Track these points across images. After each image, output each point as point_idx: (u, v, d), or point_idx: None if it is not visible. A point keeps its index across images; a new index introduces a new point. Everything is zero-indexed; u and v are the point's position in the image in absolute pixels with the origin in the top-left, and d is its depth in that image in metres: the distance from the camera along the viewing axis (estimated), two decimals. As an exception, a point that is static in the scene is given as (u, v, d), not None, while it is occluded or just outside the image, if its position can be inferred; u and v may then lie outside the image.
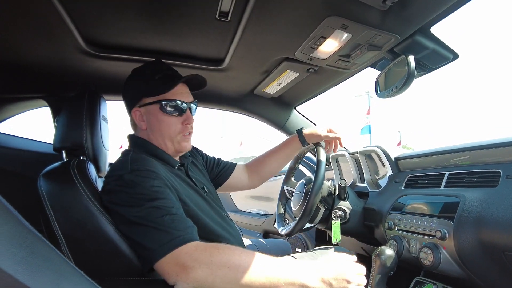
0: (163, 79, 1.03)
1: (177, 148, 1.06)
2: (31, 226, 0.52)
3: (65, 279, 0.57)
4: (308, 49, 1.12)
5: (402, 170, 1.37)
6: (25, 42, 1.12)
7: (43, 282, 0.48)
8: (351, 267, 0.86)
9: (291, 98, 1.74)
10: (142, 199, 0.84)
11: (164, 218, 0.81)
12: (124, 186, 0.86)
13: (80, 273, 0.59)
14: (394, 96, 1.12)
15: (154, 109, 1.03)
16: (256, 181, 1.49)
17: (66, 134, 1.12)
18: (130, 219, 0.83)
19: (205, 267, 0.75)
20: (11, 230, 0.50)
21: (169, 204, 0.85)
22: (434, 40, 1.01)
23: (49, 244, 0.54)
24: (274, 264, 0.81)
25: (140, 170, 0.89)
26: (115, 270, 0.87)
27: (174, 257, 0.77)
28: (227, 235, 1.04)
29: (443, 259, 0.93)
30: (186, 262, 0.76)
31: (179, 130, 1.05)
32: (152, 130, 1.05)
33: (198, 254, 0.77)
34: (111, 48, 1.22)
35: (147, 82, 1.04)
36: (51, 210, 0.90)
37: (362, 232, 1.40)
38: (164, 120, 1.03)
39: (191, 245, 0.79)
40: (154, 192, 0.85)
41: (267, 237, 2.61)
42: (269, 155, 1.47)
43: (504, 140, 0.98)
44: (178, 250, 0.77)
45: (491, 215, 0.85)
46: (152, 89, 1.02)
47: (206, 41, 1.18)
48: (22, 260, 0.50)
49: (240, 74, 1.43)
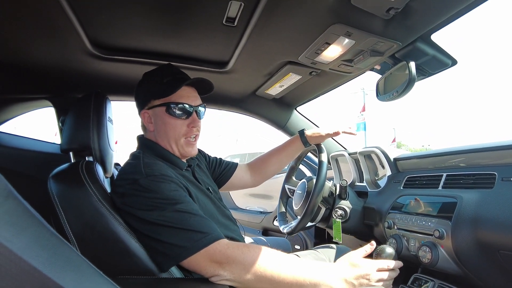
0: (171, 82, 1.05)
1: (182, 152, 1.08)
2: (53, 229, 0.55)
3: (87, 279, 0.59)
4: (312, 54, 1.15)
5: (401, 171, 1.41)
6: (32, 43, 1.14)
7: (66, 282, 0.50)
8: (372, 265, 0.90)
9: (292, 99, 1.77)
10: (163, 203, 0.86)
11: (189, 220, 0.85)
12: (141, 191, 0.88)
13: (99, 273, 0.61)
14: (395, 100, 1.15)
15: (160, 111, 1.05)
16: (258, 180, 1.52)
17: (74, 135, 1.14)
18: (152, 221, 0.85)
19: (239, 264, 0.81)
20: (35, 232, 0.52)
21: (190, 206, 0.89)
22: (434, 47, 1.05)
23: (69, 245, 0.57)
24: (300, 264, 0.85)
25: (155, 175, 0.91)
26: (125, 270, 0.90)
27: (208, 254, 0.82)
28: (230, 234, 1.07)
29: (441, 257, 0.97)
30: (220, 259, 0.81)
31: (184, 133, 1.06)
32: (158, 132, 1.07)
33: (231, 251, 0.82)
34: (117, 51, 1.24)
35: (156, 85, 1.06)
36: (62, 211, 0.92)
37: (362, 230, 1.44)
38: (170, 122, 1.05)
39: (223, 243, 0.84)
40: (173, 196, 0.88)
41: (266, 234, 2.65)
42: (272, 154, 1.50)
43: (500, 143, 1.02)
44: (211, 248, 0.82)
45: (487, 215, 0.89)
46: (160, 91, 1.04)
47: (212, 45, 1.20)
48: (46, 261, 0.52)
49: (243, 76, 1.46)
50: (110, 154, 1.22)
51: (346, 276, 0.86)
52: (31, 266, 0.35)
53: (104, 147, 1.15)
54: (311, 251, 1.34)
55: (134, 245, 0.90)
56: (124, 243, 0.90)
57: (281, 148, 1.48)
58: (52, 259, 0.54)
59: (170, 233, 0.84)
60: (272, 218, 2.58)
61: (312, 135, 1.37)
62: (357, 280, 0.86)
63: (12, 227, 0.52)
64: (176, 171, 1.03)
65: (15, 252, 0.34)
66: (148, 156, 1.02)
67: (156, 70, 1.10)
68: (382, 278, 0.90)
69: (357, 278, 0.86)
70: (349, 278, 0.86)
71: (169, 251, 0.84)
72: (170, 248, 0.84)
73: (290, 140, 1.47)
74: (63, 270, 0.55)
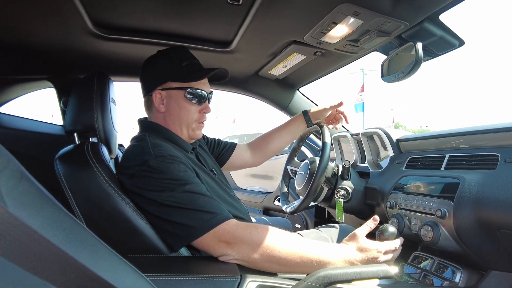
0: (191, 67, 1.06)
1: (191, 135, 1.09)
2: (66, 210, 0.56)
3: (101, 257, 0.61)
4: (318, 34, 1.13)
5: (403, 152, 1.42)
6: (32, 22, 1.11)
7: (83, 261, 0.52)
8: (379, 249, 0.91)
9: (295, 79, 1.75)
10: (173, 184, 0.87)
11: (198, 201, 0.86)
12: (151, 172, 0.89)
13: (113, 252, 0.63)
14: (400, 81, 1.15)
15: (177, 94, 1.05)
16: (259, 159, 1.52)
17: (77, 116, 1.13)
18: (162, 202, 0.87)
19: (247, 244, 0.83)
20: (49, 213, 0.53)
21: (199, 187, 0.90)
22: (442, 28, 1.03)
23: (83, 226, 0.58)
24: (307, 244, 0.87)
25: (165, 156, 0.91)
26: (134, 249, 0.92)
27: (217, 235, 0.84)
28: (237, 214, 1.09)
29: (442, 236, 1.00)
30: (229, 239, 0.84)
31: (196, 118, 1.08)
32: (170, 115, 1.07)
33: (240, 232, 0.84)
34: (119, 30, 1.21)
35: (174, 67, 1.05)
36: (70, 192, 0.94)
37: (363, 210, 1.47)
38: (185, 106, 1.06)
39: (231, 223, 0.86)
40: (183, 177, 0.89)
41: (267, 213, 2.69)
42: (274, 133, 1.49)
43: (503, 125, 1.03)
44: (220, 228, 0.84)
45: (489, 196, 0.91)
46: (180, 75, 1.04)
47: (216, 24, 1.18)
48: (62, 241, 0.53)
49: (247, 56, 1.44)
50: (114, 135, 1.22)
51: (354, 259, 0.88)
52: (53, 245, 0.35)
53: (108, 128, 1.15)
54: (314, 230, 1.37)
55: (142, 225, 0.92)
56: (133, 222, 0.92)
57: (283, 126, 1.48)
58: (68, 239, 0.56)
59: (180, 213, 0.85)
60: (273, 198, 2.62)
61: (316, 111, 1.38)
62: (363, 263, 0.88)
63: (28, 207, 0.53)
64: (183, 154, 1.03)
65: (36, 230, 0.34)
66: (154, 138, 1.02)
67: (171, 51, 1.09)
68: (388, 258, 0.92)
69: (364, 262, 0.89)
70: (356, 262, 0.88)
71: (180, 232, 0.86)
72: (180, 229, 0.85)
73: (293, 118, 1.47)
74: (79, 249, 0.57)
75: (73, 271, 0.37)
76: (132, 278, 0.64)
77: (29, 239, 0.32)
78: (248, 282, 0.79)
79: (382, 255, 0.91)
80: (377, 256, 0.90)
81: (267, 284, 0.80)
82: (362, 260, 0.89)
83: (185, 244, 0.88)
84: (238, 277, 0.80)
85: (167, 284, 0.75)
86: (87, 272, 0.38)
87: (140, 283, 0.64)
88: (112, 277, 0.55)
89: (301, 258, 0.84)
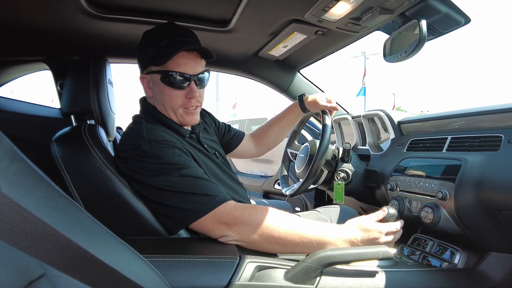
0: (168, 46, 0.95)
1: (181, 121, 1.03)
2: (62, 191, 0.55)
3: (98, 238, 0.61)
4: (319, 11, 1.09)
5: (405, 134, 1.41)
6: (25, 1, 1.08)
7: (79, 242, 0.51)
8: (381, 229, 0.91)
9: (296, 60, 1.71)
10: (168, 169, 0.86)
11: (195, 184, 0.85)
12: (145, 157, 0.88)
13: (109, 232, 0.63)
14: (403, 60, 1.12)
15: (157, 78, 0.99)
16: (262, 150, 1.54)
17: (74, 98, 1.12)
18: (158, 186, 0.86)
19: (246, 225, 0.83)
20: (44, 194, 0.53)
21: (195, 171, 0.89)
22: (447, 4, 1.00)
23: (79, 206, 0.57)
24: (307, 224, 0.87)
25: (159, 141, 0.90)
26: (132, 231, 0.92)
27: (216, 216, 0.83)
28: (238, 197, 1.09)
29: (442, 218, 0.99)
30: (228, 220, 0.83)
31: (180, 104, 1.00)
32: (156, 100, 1.03)
33: (238, 213, 0.84)
34: (114, 9, 1.18)
35: (153, 48, 0.98)
36: (68, 174, 0.93)
37: (363, 192, 1.47)
38: (166, 91, 0.99)
39: (230, 205, 0.85)
40: (178, 161, 0.88)
41: (267, 197, 2.71)
42: (272, 123, 1.50)
43: (507, 105, 1.01)
44: (218, 210, 0.83)
45: (491, 177, 0.90)
46: (156, 57, 0.97)
47: (214, 2, 1.14)
48: (58, 221, 0.53)
49: (246, 35, 1.40)
50: (112, 117, 1.20)
51: (354, 239, 0.88)
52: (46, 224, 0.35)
53: (105, 110, 1.14)
54: (313, 211, 1.37)
55: (140, 207, 0.91)
56: (131, 205, 0.91)
57: (281, 116, 1.48)
58: (63, 219, 0.55)
59: (177, 197, 0.85)
60: (273, 181, 2.62)
61: (310, 102, 1.35)
62: (363, 243, 0.88)
63: (22, 188, 0.52)
64: (179, 138, 1.01)
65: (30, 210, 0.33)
66: (150, 121, 1.00)
67: (155, 30, 1.02)
68: (389, 240, 0.92)
69: (365, 242, 0.88)
70: (357, 241, 0.88)
71: (177, 215, 0.85)
72: (178, 212, 0.85)
73: (290, 107, 1.46)
74: (75, 229, 0.56)
75: (66, 250, 0.36)
76: (129, 259, 0.64)
77: (20, 218, 0.32)
78: (247, 262, 0.79)
79: (383, 236, 0.91)
80: (378, 237, 0.89)
81: (266, 265, 0.81)
82: (363, 240, 0.88)
83: (183, 227, 0.88)
84: (237, 258, 0.80)
85: (166, 265, 0.75)
86: (81, 251, 0.38)
87: (138, 264, 0.64)
88: (108, 258, 0.55)
89: (300, 238, 0.84)
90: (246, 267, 0.78)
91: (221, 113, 15.19)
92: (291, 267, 0.80)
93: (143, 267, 0.64)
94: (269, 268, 0.81)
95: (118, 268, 0.40)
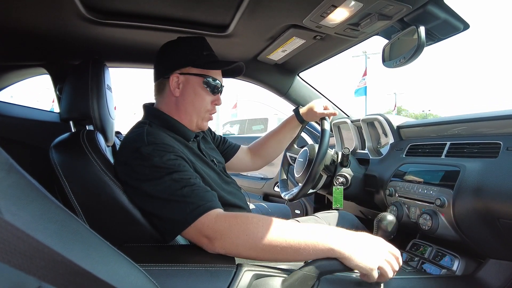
0: (212, 57, 1.08)
1: (199, 125, 1.09)
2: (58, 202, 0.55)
3: (94, 250, 0.61)
4: (317, 17, 1.09)
5: (404, 139, 1.41)
6: (23, 7, 1.08)
7: (75, 254, 0.51)
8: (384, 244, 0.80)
9: (295, 64, 1.71)
10: (160, 172, 0.86)
11: (183, 190, 0.84)
12: (141, 159, 0.88)
13: (106, 243, 0.63)
14: (401, 66, 1.12)
15: (195, 81, 1.05)
16: (259, 163, 1.52)
17: (72, 104, 1.12)
18: (148, 193, 0.86)
19: (226, 237, 0.80)
20: (40, 206, 0.52)
21: (187, 175, 0.88)
22: (446, 10, 0.99)
23: (76, 217, 0.57)
24: (292, 228, 0.81)
25: (157, 144, 0.90)
26: (131, 238, 0.92)
27: (197, 228, 0.81)
28: (236, 202, 1.08)
29: (441, 225, 0.99)
30: (209, 234, 0.81)
31: (208, 108, 1.08)
32: (183, 100, 1.06)
33: (218, 225, 0.81)
34: (112, 15, 1.17)
35: (195, 54, 1.06)
36: (66, 181, 0.93)
37: (362, 197, 1.47)
38: (200, 94, 1.06)
39: (212, 215, 0.82)
40: (171, 165, 0.88)
41: (267, 199, 2.70)
42: (270, 136, 1.49)
43: (506, 112, 1.01)
44: (199, 222, 0.81)
45: (490, 184, 0.89)
46: (202, 62, 1.05)
47: (212, 7, 1.14)
48: (54, 233, 0.53)
49: (244, 40, 1.40)
50: (111, 123, 1.20)
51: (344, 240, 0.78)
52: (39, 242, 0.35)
53: (104, 116, 1.14)
54: (311, 216, 1.37)
55: (139, 214, 0.91)
56: (130, 211, 0.91)
57: (278, 129, 1.47)
58: (59, 232, 0.55)
59: (163, 206, 0.85)
60: (273, 184, 2.62)
61: (307, 112, 1.35)
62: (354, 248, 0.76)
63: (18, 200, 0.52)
64: (181, 143, 1.02)
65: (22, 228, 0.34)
66: (153, 125, 1.01)
67: (193, 39, 1.10)
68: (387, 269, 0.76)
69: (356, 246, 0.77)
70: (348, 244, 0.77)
71: (166, 225, 0.86)
72: (166, 222, 0.85)
73: (287, 120, 1.45)
74: (71, 242, 0.56)
75: (60, 267, 0.37)
76: (126, 270, 0.63)
77: (13, 237, 0.32)
78: (244, 271, 0.79)
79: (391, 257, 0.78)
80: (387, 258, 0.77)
81: (263, 273, 0.80)
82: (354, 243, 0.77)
83: (174, 237, 0.87)
84: (234, 267, 0.79)
85: (162, 274, 0.75)
86: (75, 267, 0.38)
87: (134, 274, 0.64)
88: (104, 269, 0.55)
89: (287, 242, 0.78)
90: (243, 276, 0.78)
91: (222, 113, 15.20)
92: (288, 276, 0.80)
93: (140, 277, 0.64)
94: (267, 277, 0.80)
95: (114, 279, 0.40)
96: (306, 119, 1.37)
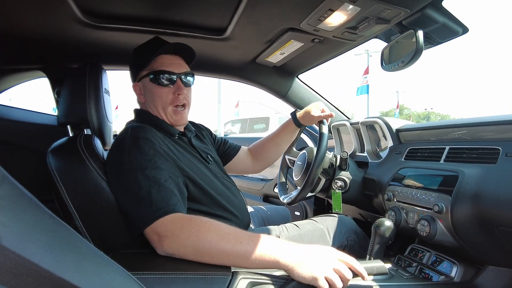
0: (152, 50, 1.07)
1: (171, 121, 1.10)
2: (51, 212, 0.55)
3: (87, 259, 0.60)
4: (314, 21, 1.08)
5: (403, 142, 1.40)
6: (20, 11, 1.08)
7: (67, 264, 0.51)
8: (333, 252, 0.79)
9: (294, 67, 1.71)
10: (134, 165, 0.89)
11: (151, 189, 0.85)
12: (122, 151, 0.92)
13: (99, 252, 0.62)
14: (400, 70, 1.11)
15: (146, 81, 1.09)
16: (259, 166, 1.53)
17: (70, 109, 1.12)
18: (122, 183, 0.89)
19: (176, 237, 0.80)
20: (32, 216, 0.52)
21: (159, 175, 0.88)
22: (444, 14, 0.98)
23: (69, 227, 0.57)
24: (243, 237, 0.80)
25: (138, 138, 0.94)
26: (128, 243, 0.92)
27: (153, 228, 0.82)
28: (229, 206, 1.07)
29: (439, 231, 0.98)
30: (161, 232, 0.81)
31: (170, 101, 1.08)
32: (148, 103, 1.11)
33: (171, 225, 0.82)
34: (109, 18, 1.18)
35: (140, 57, 1.09)
36: (62, 186, 0.93)
37: (361, 201, 1.46)
38: (155, 91, 1.08)
39: (170, 217, 0.83)
40: (147, 161, 0.90)
41: (267, 200, 2.70)
42: (268, 141, 1.50)
43: (506, 117, 0.99)
44: (158, 222, 0.82)
45: (488, 191, 0.88)
46: (142, 61, 1.08)
47: (209, 10, 1.14)
48: (46, 245, 0.52)
49: (242, 43, 1.40)
50: (108, 127, 1.20)
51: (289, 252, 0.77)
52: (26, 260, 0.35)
53: (102, 120, 1.14)
54: (310, 220, 1.37)
55: (135, 219, 0.91)
56: None
57: (276, 133, 1.48)
58: (51, 242, 0.54)
59: (131, 202, 0.87)
60: (273, 185, 2.61)
61: (304, 116, 1.36)
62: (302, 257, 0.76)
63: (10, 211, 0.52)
64: (168, 138, 1.05)
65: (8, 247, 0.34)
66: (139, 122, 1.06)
67: (143, 43, 1.13)
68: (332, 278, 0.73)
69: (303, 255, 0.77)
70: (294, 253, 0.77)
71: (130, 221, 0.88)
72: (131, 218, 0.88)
73: (284, 124, 1.46)
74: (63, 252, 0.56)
75: (48, 283, 0.36)
76: (119, 279, 0.63)
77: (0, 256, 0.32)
78: (239, 279, 0.78)
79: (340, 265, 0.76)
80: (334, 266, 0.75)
81: (258, 281, 0.80)
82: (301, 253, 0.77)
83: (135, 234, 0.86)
84: (230, 274, 0.79)
85: (157, 282, 0.75)
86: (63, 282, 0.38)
87: (128, 284, 0.63)
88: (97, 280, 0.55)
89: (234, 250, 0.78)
90: (239, 283, 0.77)
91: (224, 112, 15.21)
92: (284, 283, 0.80)
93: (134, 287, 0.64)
94: (262, 284, 0.80)
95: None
96: (304, 123, 1.38)
